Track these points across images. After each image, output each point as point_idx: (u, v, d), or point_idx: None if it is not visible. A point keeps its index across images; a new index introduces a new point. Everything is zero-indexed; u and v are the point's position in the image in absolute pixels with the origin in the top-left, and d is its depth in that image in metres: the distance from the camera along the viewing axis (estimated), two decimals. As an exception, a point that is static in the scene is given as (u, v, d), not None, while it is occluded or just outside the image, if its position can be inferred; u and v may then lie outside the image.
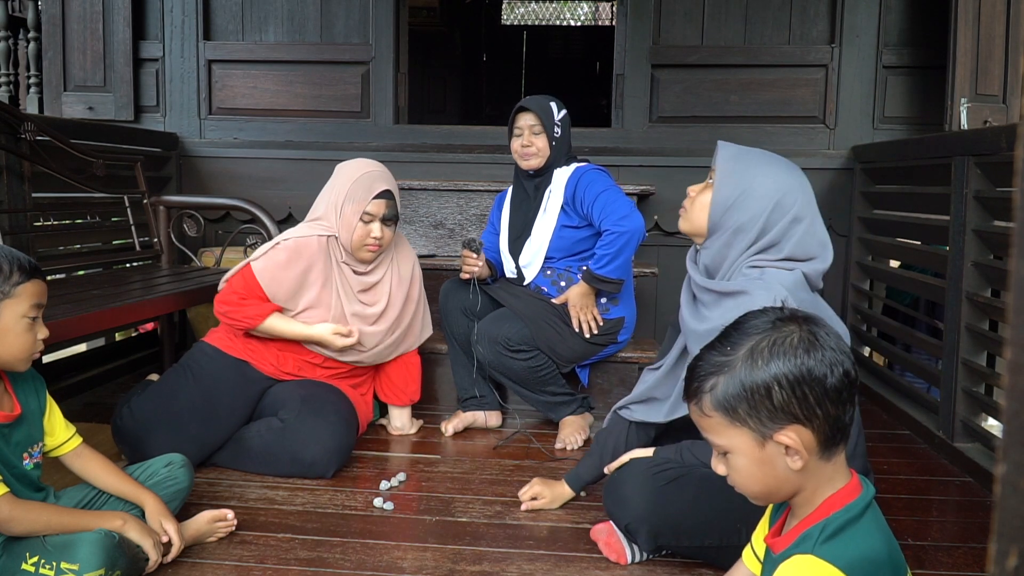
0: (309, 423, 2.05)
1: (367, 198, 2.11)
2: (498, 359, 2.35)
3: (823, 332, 1.02)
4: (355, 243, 2.13)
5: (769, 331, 1.02)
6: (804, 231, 1.54)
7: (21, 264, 1.39)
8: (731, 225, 1.56)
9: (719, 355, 1.04)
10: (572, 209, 2.40)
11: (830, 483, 1.04)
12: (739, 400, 1.01)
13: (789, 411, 0.99)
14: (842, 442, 1.03)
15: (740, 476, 1.05)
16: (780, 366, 0.99)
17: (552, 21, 9.72)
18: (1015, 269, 0.39)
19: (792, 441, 0.99)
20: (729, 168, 1.58)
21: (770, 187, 1.54)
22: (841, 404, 1.00)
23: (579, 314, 2.37)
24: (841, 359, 1.01)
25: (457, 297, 2.49)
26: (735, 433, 1.02)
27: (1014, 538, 0.38)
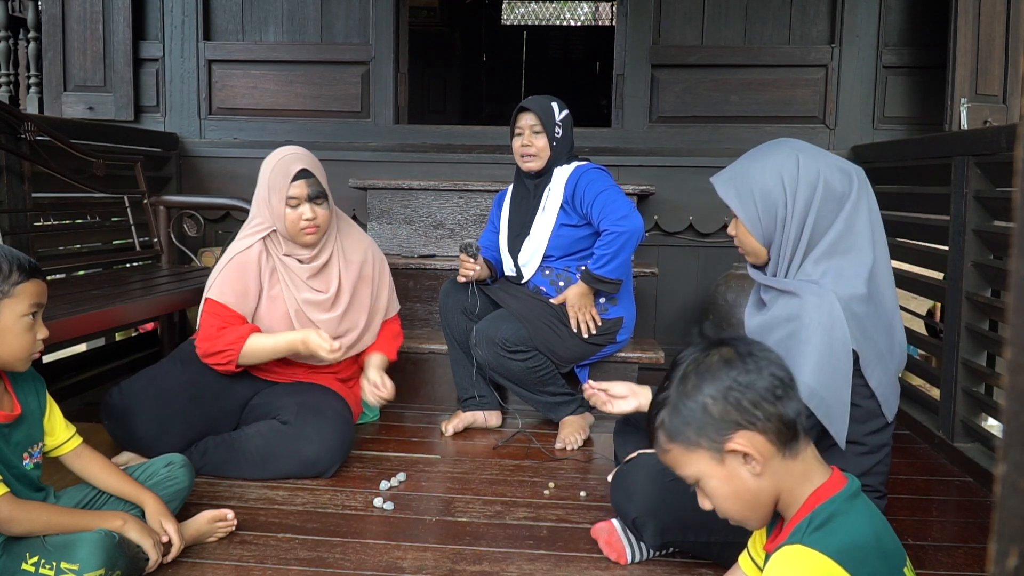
0: (311, 422, 2.05)
1: (286, 183, 2.09)
2: (497, 360, 2.35)
3: (743, 345, 1.10)
4: (291, 230, 2.10)
5: (694, 358, 1.10)
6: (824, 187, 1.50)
7: (21, 264, 1.39)
8: (774, 229, 1.55)
9: (660, 393, 1.13)
10: (571, 208, 2.40)
11: (808, 481, 1.08)
12: (684, 425, 1.07)
13: (730, 419, 1.05)
14: (798, 438, 1.07)
15: (718, 500, 1.10)
16: (708, 383, 1.07)
17: (552, 21, 9.72)
18: (1015, 269, 0.39)
19: (744, 446, 1.04)
20: (732, 191, 1.59)
21: (769, 175, 1.54)
22: (778, 401, 1.05)
23: (577, 314, 2.37)
24: (766, 363, 1.07)
25: (457, 297, 2.49)
26: (694, 458, 1.08)
27: (1014, 538, 0.38)
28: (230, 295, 2.09)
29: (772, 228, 1.55)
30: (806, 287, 1.49)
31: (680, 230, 3.42)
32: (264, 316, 2.13)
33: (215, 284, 2.10)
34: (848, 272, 1.49)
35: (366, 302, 2.28)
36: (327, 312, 2.18)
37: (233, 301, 2.09)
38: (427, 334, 2.87)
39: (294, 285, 2.15)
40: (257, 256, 2.13)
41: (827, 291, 1.46)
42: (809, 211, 1.51)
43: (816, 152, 1.55)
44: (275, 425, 2.07)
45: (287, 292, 2.14)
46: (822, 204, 1.50)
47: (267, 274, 2.14)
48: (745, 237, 1.60)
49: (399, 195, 3.21)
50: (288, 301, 2.14)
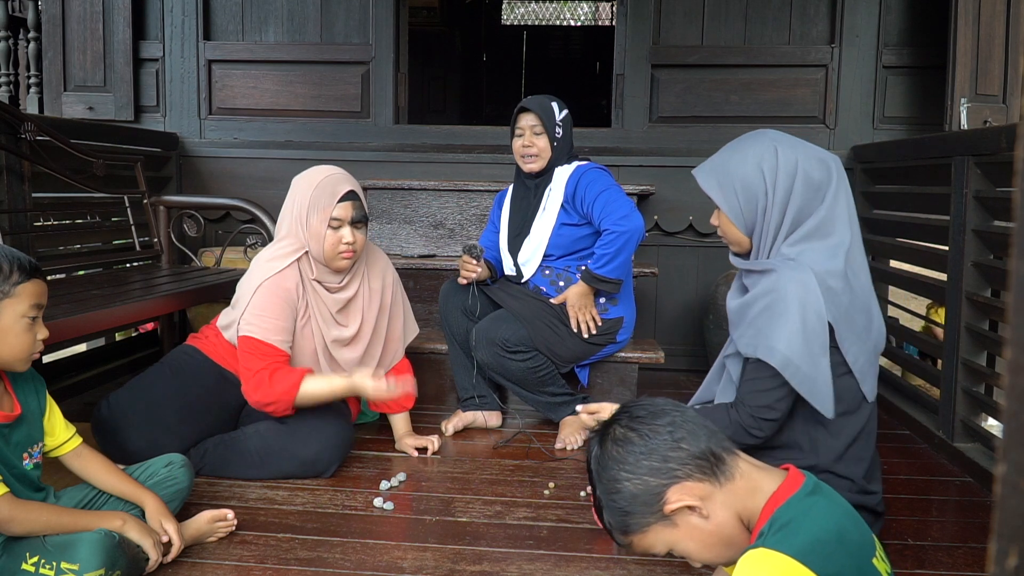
0: (310, 421, 2.04)
1: (332, 203, 2.02)
2: (497, 361, 2.35)
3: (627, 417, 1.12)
4: (328, 253, 2.04)
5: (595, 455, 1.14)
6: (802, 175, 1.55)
7: (21, 264, 1.39)
8: (755, 218, 1.60)
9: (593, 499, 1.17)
10: (572, 207, 2.40)
11: (758, 492, 1.08)
12: (625, 516, 1.10)
13: (654, 487, 1.08)
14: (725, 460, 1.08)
15: (696, 555, 1.12)
16: (618, 470, 1.10)
17: (552, 21, 9.72)
18: (1015, 269, 0.39)
19: (681, 500, 1.06)
20: (714, 183, 1.64)
21: (749, 166, 1.58)
22: (681, 443, 1.08)
23: (577, 314, 2.37)
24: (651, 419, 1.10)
25: (457, 298, 2.49)
26: (653, 535, 1.10)
27: (1014, 538, 0.38)
28: (274, 332, 1.99)
29: (753, 218, 1.60)
30: (781, 263, 1.54)
31: (680, 230, 3.42)
32: (300, 347, 2.08)
33: (255, 319, 1.99)
34: (823, 252, 1.54)
35: (383, 333, 2.26)
36: (350, 350, 2.16)
37: (278, 339, 1.99)
38: (427, 334, 2.87)
39: (323, 319, 2.11)
40: (295, 284, 2.05)
41: (802, 265, 1.51)
42: (789, 199, 1.56)
43: (794, 142, 1.60)
44: (274, 424, 2.06)
45: (315, 326, 2.10)
46: (802, 192, 1.55)
47: (302, 304, 2.08)
48: (728, 227, 1.65)
49: (399, 195, 3.21)
50: (316, 336, 2.10)
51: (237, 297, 2.09)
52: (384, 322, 2.26)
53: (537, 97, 2.46)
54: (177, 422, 2.02)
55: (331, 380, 2.02)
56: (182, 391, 2.05)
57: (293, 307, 2.05)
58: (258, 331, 1.98)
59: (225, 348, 2.14)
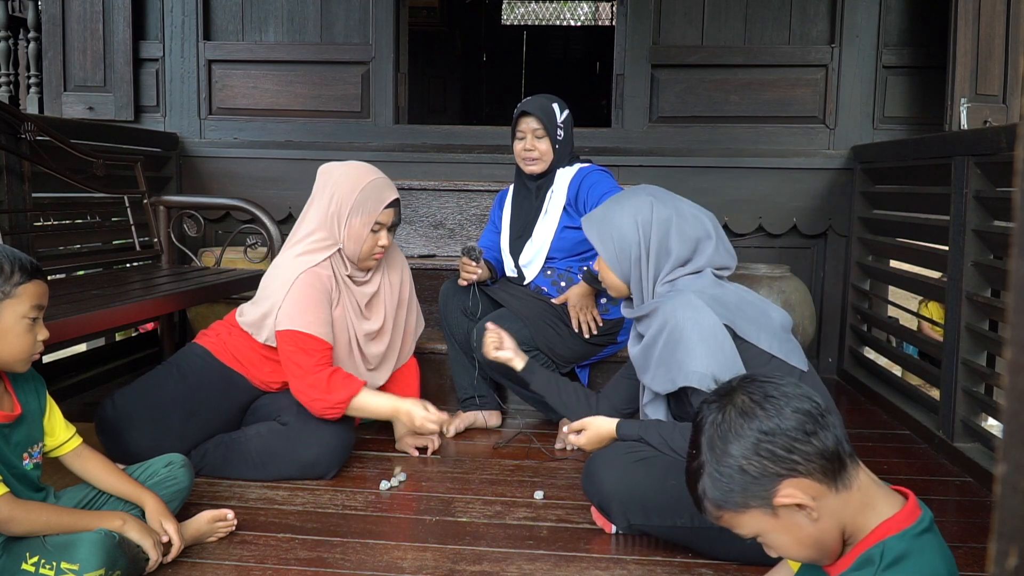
0: (312, 424, 2.03)
1: (378, 208, 2.05)
2: (498, 360, 2.35)
3: (757, 388, 1.05)
4: (363, 254, 2.08)
5: (713, 417, 1.05)
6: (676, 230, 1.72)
7: (23, 264, 1.39)
8: (630, 267, 1.76)
9: (692, 461, 1.08)
10: (575, 210, 2.40)
11: (871, 509, 1.02)
12: (727, 491, 1.02)
13: (770, 473, 1.00)
14: (846, 466, 1.01)
15: (785, 550, 1.05)
16: (735, 443, 1.01)
17: (552, 21, 9.72)
18: (1015, 269, 0.39)
19: (793, 497, 0.99)
20: (595, 232, 1.80)
21: (625, 218, 1.75)
22: (813, 437, 1.00)
23: (579, 314, 2.36)
24: (787, 400, 1.02)
25: (457, 298, 2.49)
26: (748, 518, 1.03)
27: (1014, 538, 0.38)
28: (319, 325, 1.99)
29: (628, 266, 1.76)
30: (661, 299, 1.68)
31: (680, 230, 3.42)
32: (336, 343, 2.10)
33: (298, 312, 1.97)
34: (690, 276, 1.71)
35: (402, 327, 2.31)
36: (376, 344, 2.19)
37: (323, 332, 1.99)
38: (427, 334, 2.87)
39: (354, 313, 2.13)
40: (330, 281, 2.06)
41: (681, 291, 1.66)
42: (662, 249, 1.73)
43: (673, 200, 1.77)
44: (275, 427, 2.05)
45: (348, 320, 2.11)
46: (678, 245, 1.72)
47: (335, 298, 2.08)
48: (606, 274, 1.82)
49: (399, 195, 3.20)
50: (349, 330, 2.12)
51: (265, 292, 2.06)
52: (403, 316, 2.30)
53: (538, 98, 2.45)
54: (181, 424, 2.02)
55: (381, 399, 2.01)
56: (188, 393, 2.05)
57: (330, 300, 2.06)
58: (302, 324, 1.97)
59: (236, 347, 2.11)
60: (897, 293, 3.61)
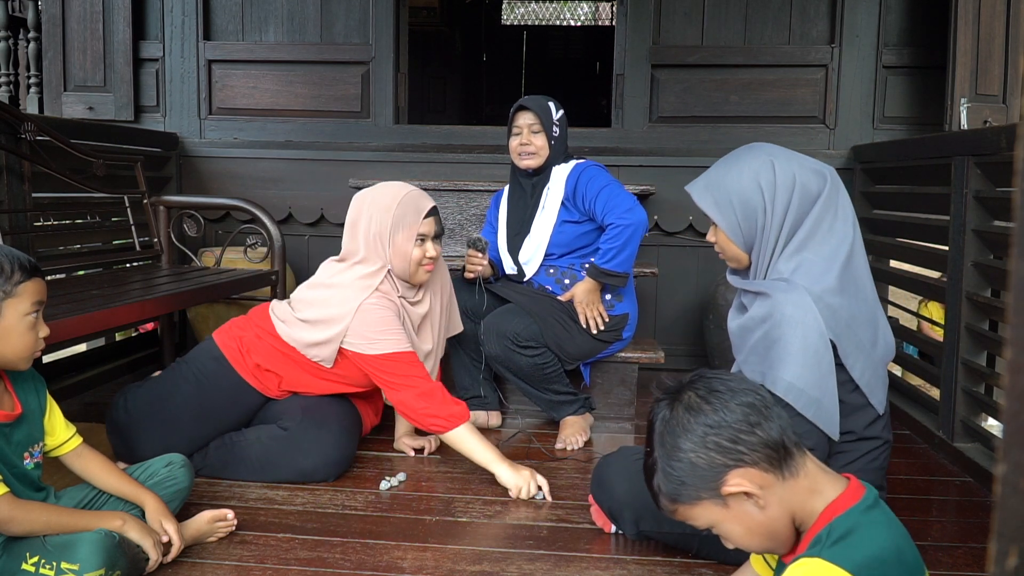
0: (312, 433, 2.02)
1: (418, 220, 2.04)
2: (506, 354, 2.34)
3: (703, 385, 1.09)
4: (412, 267, 2.06)
5: (662, 416, 1.10)
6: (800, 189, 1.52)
7: (22, 263, 1.40)
8: (755, 235, 1.57)
9: (647, 459, 1.13)
10: (572, 205, 2.41)
11: (818, 493, 1.06)
12: (679, 485, 1.07)
13: (717, 464, 1.04)
14: (792, 455, 1.05)
15: (738, 540, 1.09)
16: (683, 438, 1.06)
17: (552, 21, 9.72)
18: (1015, 269, 0.39)
19: (740, 485, 1.03)
20: (711, 200, 1.59)
21: (746, 182, 1.55)
22: (756, 428, 1.04)
23: (586, 310, 2.37)
24: (731, 396, 1.06)
25: (460, 297, 2.49)
26: (700, 510, 1.08)
27: (1014, 538, 0.38)
28: (405, 342, 2.02)
29: (753, 234, 1.57)
30: (776, 286, 1.50)
31: (680, 230, 3.42)
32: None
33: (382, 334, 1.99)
34: (818, 266, 1.50)
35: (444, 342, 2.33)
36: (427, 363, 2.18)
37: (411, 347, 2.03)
38: (427, 334, 2.87)
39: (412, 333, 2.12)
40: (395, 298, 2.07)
41: (797, 287, 1.48)
42: (787, 214, 1.53)
43: (789, 155, 1.57)
44: (275, 432, 2.04)
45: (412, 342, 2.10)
46: (799, 206, 1.52)
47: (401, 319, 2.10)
48: (726, 244, 1.61)
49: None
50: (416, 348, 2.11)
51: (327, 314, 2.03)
52: (445, 323, 2.30)
53: (534, 96, 2.48)
54: (192, 429, 2.02)
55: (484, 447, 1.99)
56: (202, 401, 2.04)
57: (401, 319, 2.07)
58: (392, 344, 2.00)
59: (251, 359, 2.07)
60: (897, 293, 3.61)
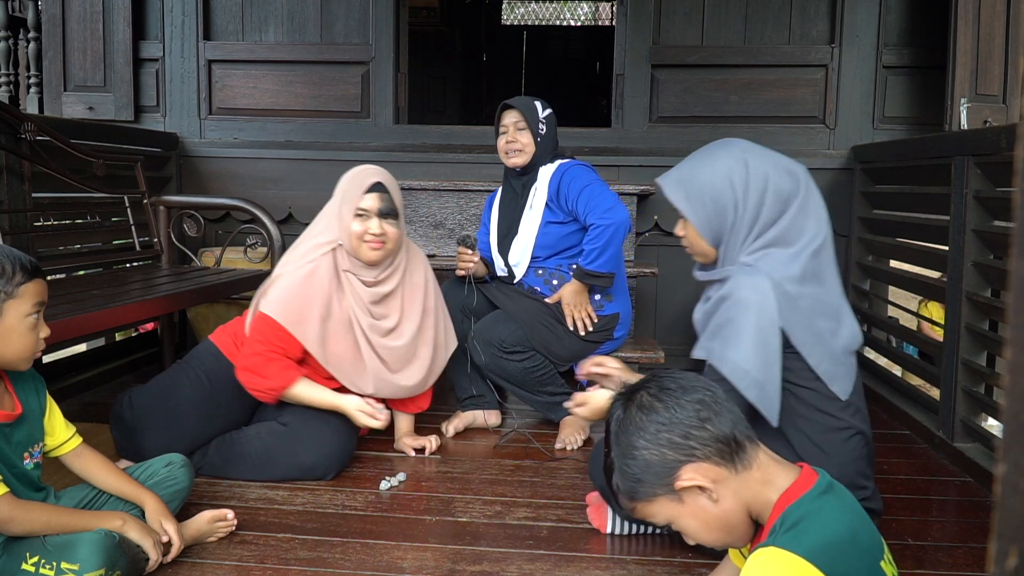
0: (312, 426, 2.03)
1: (359, 194, 2.05)
2: (494, 361, 2.35)
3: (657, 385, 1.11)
4: (354, 242, 2.05)
5: (616, 416, 1.13)
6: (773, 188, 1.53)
7: (23, 264, 1.40)
8: (723, 231, 1.58)
9: (605, 459, 1.15)
10: (556, 205, 2.41)
11: (771, 484, 1.08)
12: (635, 482, 1.09)
13: (669, 460, 1.07)
14: (744, 448, 1.07)
15: (695, 534, 1.11)
16: (637, 436, 1.09)
17: (552, 21, 9.72)
18: (1015, 269, 0.39)
19: (693, 479, 1.06)
20: (682, 194, 1.60)
21: (718, 178, 1.55)
22: (707, 423, 1.07)
23: (573, 312, 2.37)
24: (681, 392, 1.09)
25: (456, 297, 2.49)
26: (657, 507, 1.10)
27: (1014, 538, 0.38)
28: (290, 316, 2.00)
29: (721, 230, 1.58)
30: (738, 268, 1.53)
31: (680, 230, 3.42)
32: (334, 341, 2.07)
33: (280, 301, 2.00)
34: (783, 258, 1.52)
35: (430, 335, 2.22)
36: (390, 339, 2.14)
37: (291, 323, 2.00)
38: (427, 334, 2.87)
39: (359, 307, 2.10)
40: (328, 277, 2.06)
41: (758, 271, 1.50)
42: (759, 213, 1.54)
43: (764, 153, 1.59)
44: (275, 428, 2.06)
45: (353, 314, 2.09)
46: (771, 205, 1.54)
47: (337, 297, 2.07)
48: (695, 239, 1.63)
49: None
50: (355, 324, 2.09)
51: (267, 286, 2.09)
52: (430, 324, 2.23)
53: (520, 97, 2.49)
54: (196, 426, 2.03)
55: (322, 393, 2.03)
56: (205, 396, 2.05)
57: (323, 301, 2.04)
58: (279, 313, 2.00)
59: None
60: (897, 293, 3.61)
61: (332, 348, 2.07)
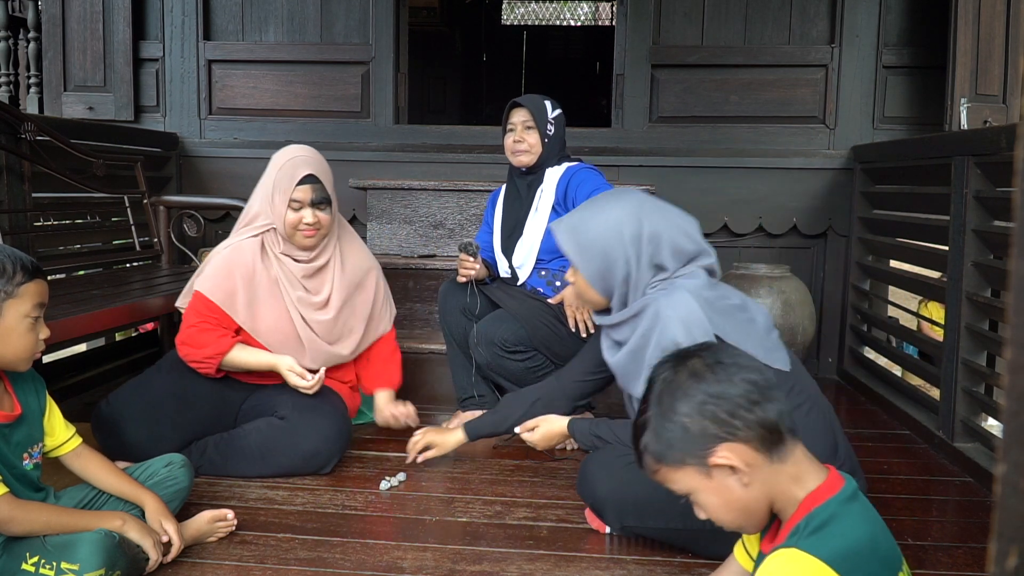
0: (308, 416, 2.06)
1: (291, 185, 2.06)
2: (496, 360, 2.35)
3: (710, 355, 1.09)
4: (289, 230, 2.09)
5: (664, 377, 1.10)
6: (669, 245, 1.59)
7: (24, 264, 1.40)
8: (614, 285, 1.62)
9: (639, 416, 1.12)
10: (563, 208, 2.40)
11: (800, 482, 1.06)
12: (667, 447, 1.07)
13: (710, 434, 1.04)
14: (785, 440, 1.05)
15: (712, 511, 1.09)
16: (682, 401, 1.06)
17: (552, 21, 9.72)
18: (1015, 269, 0.39)
19: (728, 459, 1.03)
20: (573, 245, 1.64)
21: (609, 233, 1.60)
22: (756, 406, 1.04)
23: (575, 313, 2.36)
24: (737, 369, 1.06)
25: (456, 297, 2.49)
26: (682, 475, 1.08)
27: (1014, 538, 0.38)
28: (219, 292, 2.07)
29: (612, 283, 1.62)
30: (652, 297, 1.56)
31: (680, 230, 3.42)
32: (265, 314, 2.11)
33: (208, 278, 2.08)
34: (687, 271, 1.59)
35: (362, 309, 2.25)
36: (322, 313, 2.16)
37: (221, 299, 2.07)
38: (427, 334, 2.87)
39: (290, 283, 2.13)
40: (252, 254, 2.11)
41: (675, 288, 1.54)
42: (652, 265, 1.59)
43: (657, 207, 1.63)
44: (273, 421, 2.07)
45: (284, 290, 2.13)
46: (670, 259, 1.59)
47: (264, 272, 2.12)
48: (584, 288, 1.67)
49: (399, 195, 3.21)
50: (286, 299, 2.13)
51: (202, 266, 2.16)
52: (362, 299, 2.24)
53: (530, 95, 2.48)
54: (176, 414, 2.04)
55: (258, 355, 2.07)
56: (180, 385, 2.07)
57: (247, 276, 2.09)
58: (208, 289, 2.06)
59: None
60: (897, 293, 3.61)
61: (263, 321, 2.11)
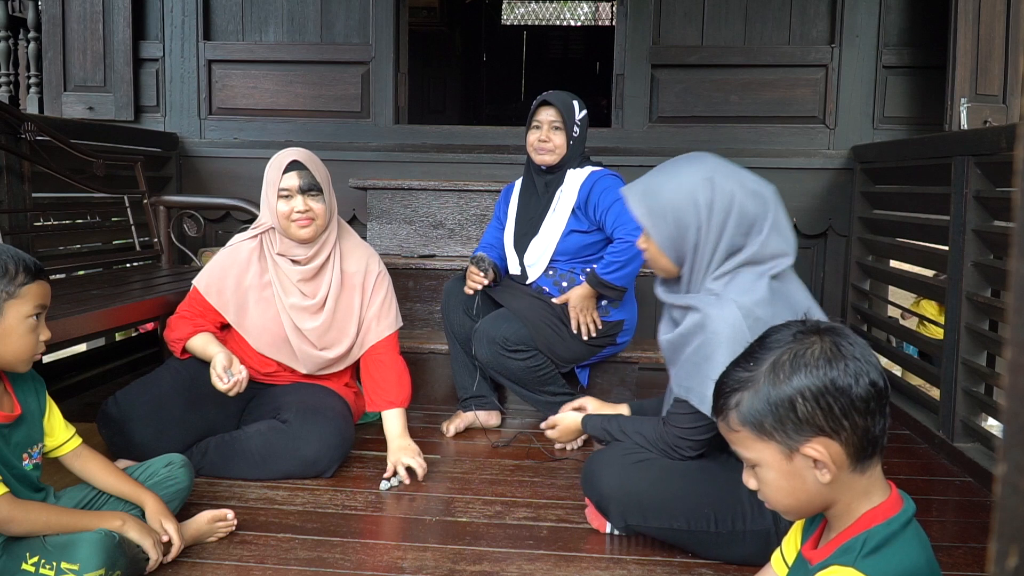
0: (311, 421, 2.05)
1: (278, 175, 2.10)
2: (497, 359, 2.35)
3: (847, 343, 1.02)
4: (282, 223, 2.10)
5: (791, 344, 1.02)
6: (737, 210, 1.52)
7: (27, 265, 1.39)
8: (686, 252, 1.57)
9: (743, 371, 1.05)
10: (583, 214, 2.38)
11: (866, 497, 1.02)
12: (764, 415, 1.01)
13: (814, 423, 0.99)
14: (875, 455, 1.02)
15: (769, 489, 1.05)
16: (802, 379, 0.99)
17: (552, 21, 9.72)
18: (1015, 269, 0.39)
19: (819, 454, 0.99)
20: (644, 209, 1.58)
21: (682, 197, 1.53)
22: (869, 415, 0.99)
23: (579, 316, 2.36)
24: (867, 369, 1.00)
25: (458, 297, 2.49)
26: (762, 447, 1.02)
27: (1014, 538, 0.38)
28: (213, 289, 2.17)
29: (684, 249, 1.56)
30: (706, 300, 1.52)
31: (680, 230, 3.42)
32: (254, 315, 2.16)
33: (203, 274, 2.20)
34: (748, 278, 1.51)
35: (352, 311, 2.19)
36: (314, 319, 2.16)
37: (211, 295, 2.16)
38: (427, 334, 2.87)
39: (283, 288, 2.15)
40: (248, 254, 2.17)
41: (727, 301, 1.49)
42: (723, 236, 1.53)
43: (732, 172, 1.56)
44: (275, 425, 2.06)
45: (277, 294, 2.15)
46: (735, 228, 1.52)
47: (257, 273, 2.16)
48: (656, 255, 1.61)
49: (399, 195, 3.21)
50: (278, 304, 2.15)
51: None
52: (353, 299, 2.19)
53: (559, 92, 2.43)
54: (183, 414, 2.04)
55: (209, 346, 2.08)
56: (188, 385, 2.08)
57: (239, 276, 2.16)
58: (201, 283, 2.18)
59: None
60: (897, 293, 3.61)
61: (252, 322, 2.17)
